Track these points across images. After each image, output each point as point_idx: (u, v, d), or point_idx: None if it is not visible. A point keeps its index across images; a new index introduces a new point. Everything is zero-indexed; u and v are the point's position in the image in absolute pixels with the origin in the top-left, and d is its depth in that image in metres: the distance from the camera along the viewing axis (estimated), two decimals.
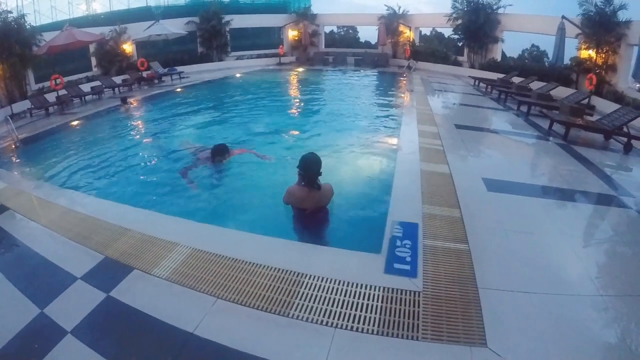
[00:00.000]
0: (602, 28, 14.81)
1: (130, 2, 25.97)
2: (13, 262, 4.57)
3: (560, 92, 14.62)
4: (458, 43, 24.65)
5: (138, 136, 11.00)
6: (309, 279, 3.82)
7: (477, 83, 18.03)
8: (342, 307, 3.43)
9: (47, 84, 16.06)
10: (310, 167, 4.87)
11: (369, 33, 30.78)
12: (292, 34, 27.90)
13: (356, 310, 3.40)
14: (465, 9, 21.23)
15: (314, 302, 3.50)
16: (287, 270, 3.95)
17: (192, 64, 23.64)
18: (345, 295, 3.58)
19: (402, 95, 15.70)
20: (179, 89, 18.30)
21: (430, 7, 43.34)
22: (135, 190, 6.94)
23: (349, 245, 4.48)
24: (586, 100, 13.09)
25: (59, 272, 4.15)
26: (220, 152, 7.51)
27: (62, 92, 15.34)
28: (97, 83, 17.58)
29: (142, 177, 7.56)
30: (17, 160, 9.38)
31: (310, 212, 5.14)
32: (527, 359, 2.98)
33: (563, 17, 15.80)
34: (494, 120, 12.09)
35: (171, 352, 3.04)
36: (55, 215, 5.49)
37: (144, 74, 19.85)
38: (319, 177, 5.00)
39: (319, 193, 4.99)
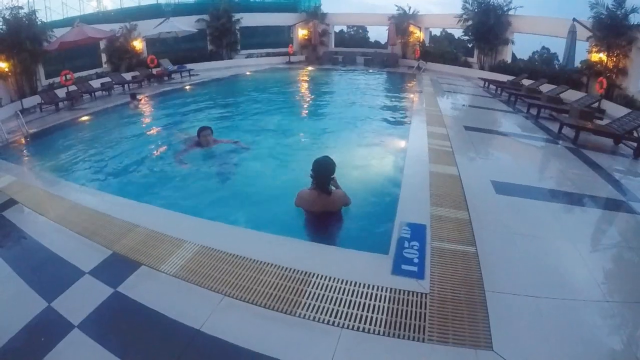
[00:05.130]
0: (613, 31, 14.67)
1: (141, 0, 26.14)
2: (21, 256, 4.61)
3: (571, 95, 14.51)
4: (468, 44, 24.51)
5: (147, 133, 11.03)
6: (317, 278, 3.82)
7: (486, 85, 17.92)
8: (349, 307, 3.43)
9: (57, 79, 16.17)
10: (319, 171, 4.87)
11: (378, 33, 30.79)
12: (301, 33, 27.86)
13: (363, 310, 3.40)
14: (476, 10, 21.10)
15: (321, 302, 3.50)
16: (294, 269, 3.95)
17: (201, 61, 23.65)
18: (352, 296, 3.58)
19: (412, 96, 15.64)
20: (188, 87, 18.35)
21: (440, 7, 43.21)
22: (143, 186, 6.97)
23: (357, 246, 4.47)
24: (596, 104, 12.99)
25: (66, 267, 4.18)
26: (204, 129, 8.01)
27: (72, 87, 15.46)
28: (107, 79, 17.73)
29: (150, 173, 7.58)
30: (27, 155, 9.48)
31: (319, 216, 5.12)
32: None
33: (574, 19, 15.72)
34: (503, 123, 12.04)
35: (178, 349, 3.05)
36: (63, 210, 5.52)
37: (154, 71, 19.94)
38: (338, 182, 4.99)
39: (328, 198, 4.98)
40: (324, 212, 5.10)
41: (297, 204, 5.16)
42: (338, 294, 3.60)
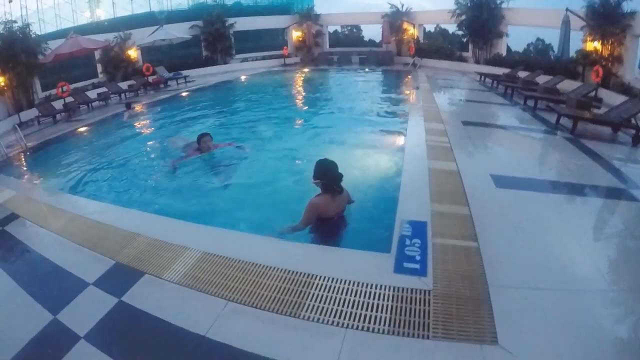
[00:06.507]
0: (607, 20, 14.68)
1: (134, 8, 26.20)
2: (25, 269, 4.61)
3: (567, 85, 14.50)
4: (462, 39, 24.49)
5: (145, 141, 11.02)
6: (319, 279, 3.82)
7: (482, 79, 17.90)
8: (352, 307, 3.43)
9: (53, 91, 16.20)
10: (329, 171, 4.78)
11: (372, 32, 30.64)
12: (296, 34, 27.84)
13: (367, 310, 3.40)
14: (469, 5, 21.15)
15: (324, 303, 3.50)
16: (296, 272, 3.95)
17: (197, 67, 23.71)
18: (355, 296, 3.58)
19: (408, 92, 15.67)
20: (184, 93, 18.38)
21: (433, 3, 43.10)
22: (143, 195, 6.97)
23: (358, 246, 4.47)
24: (593, 93, 12.99)
25: (70, 278, 4.18)
26: (204, 135, 8.07)
27: (69, 99, 15.48)
28: (103, 89, 17.73)
29: (149, 182, 7.59)
30: (27, 168, 9.49)
31: (337, 219, 5.01)
32: (538, 356, 2.95)
33: (567, 9, 15.70)
34: (500, 116, 12.02)
35: (184, 355, 3.06)
36: (65, 222, 5.53)
37: (150, 79, 19.98)
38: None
39: (342, 197, 4.92)
40: (338, 212, 5.02)
41: (314, 213, 4.83)
42: (341, 294, 3.61)
